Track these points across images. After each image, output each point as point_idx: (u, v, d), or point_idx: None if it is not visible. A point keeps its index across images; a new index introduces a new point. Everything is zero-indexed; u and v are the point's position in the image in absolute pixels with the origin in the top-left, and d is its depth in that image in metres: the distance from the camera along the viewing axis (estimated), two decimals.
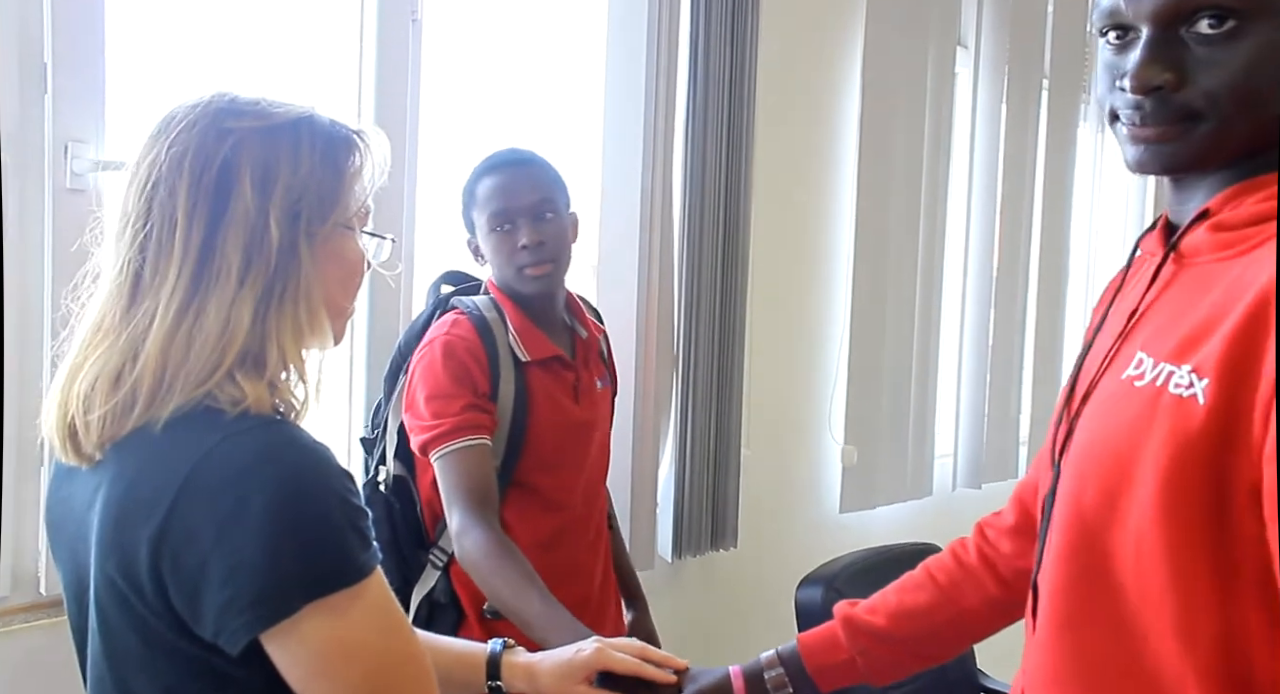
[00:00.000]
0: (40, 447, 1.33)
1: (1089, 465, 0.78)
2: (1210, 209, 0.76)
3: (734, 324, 2.14)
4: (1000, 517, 1.10)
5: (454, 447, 1.35)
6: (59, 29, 1.32)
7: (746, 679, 1.11)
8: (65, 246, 1.33)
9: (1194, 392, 0.69)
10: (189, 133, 0.78)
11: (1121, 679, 0.76)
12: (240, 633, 0.72)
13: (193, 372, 0.75)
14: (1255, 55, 0.70)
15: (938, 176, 2.66)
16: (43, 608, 1.36)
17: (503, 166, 1.45)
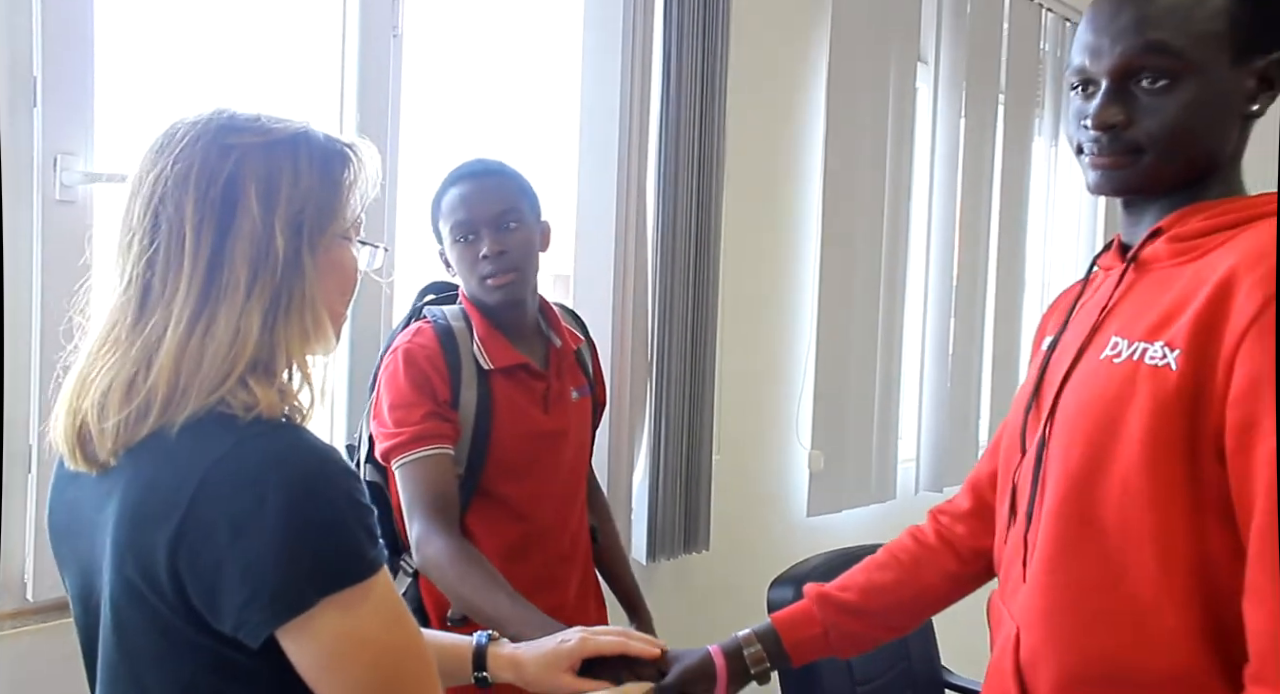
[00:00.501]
0: (29, 455, 1.36)
1: (1077, 428, 0.93)
2: (1162, 227, 0.95)
3: (705, 334, 2.18)
4: (954, 504, 1.22)
5: (414, 456, 1.36)
6: (49, 43, 1.33)
7: (727, 656, 1.19)
8: (55, 257, 1.35)
9: (1167, 361, 0.86)
10: (192, 148, 0.81)
11: (1107, 605, 0.90)
12: (260, 627, 0.75)
13: (206, 379, 0.78)
14: (1185, 105, 0.90)
15: (900, 189, 2.74)
16: (30, 614, 1.37)
17: (467, 178, 1.47)
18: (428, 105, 1.84)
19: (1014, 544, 1.02)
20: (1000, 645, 1.01)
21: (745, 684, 1.22)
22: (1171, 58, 0.89)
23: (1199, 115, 0.90)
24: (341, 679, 0.78)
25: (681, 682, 1.15)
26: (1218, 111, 0.91)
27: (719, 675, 1.17)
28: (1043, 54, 3.33)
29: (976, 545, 1.19)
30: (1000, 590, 1.07)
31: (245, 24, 1.63)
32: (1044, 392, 1.01)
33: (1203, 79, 0.89)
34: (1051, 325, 1.11)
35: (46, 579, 1.37)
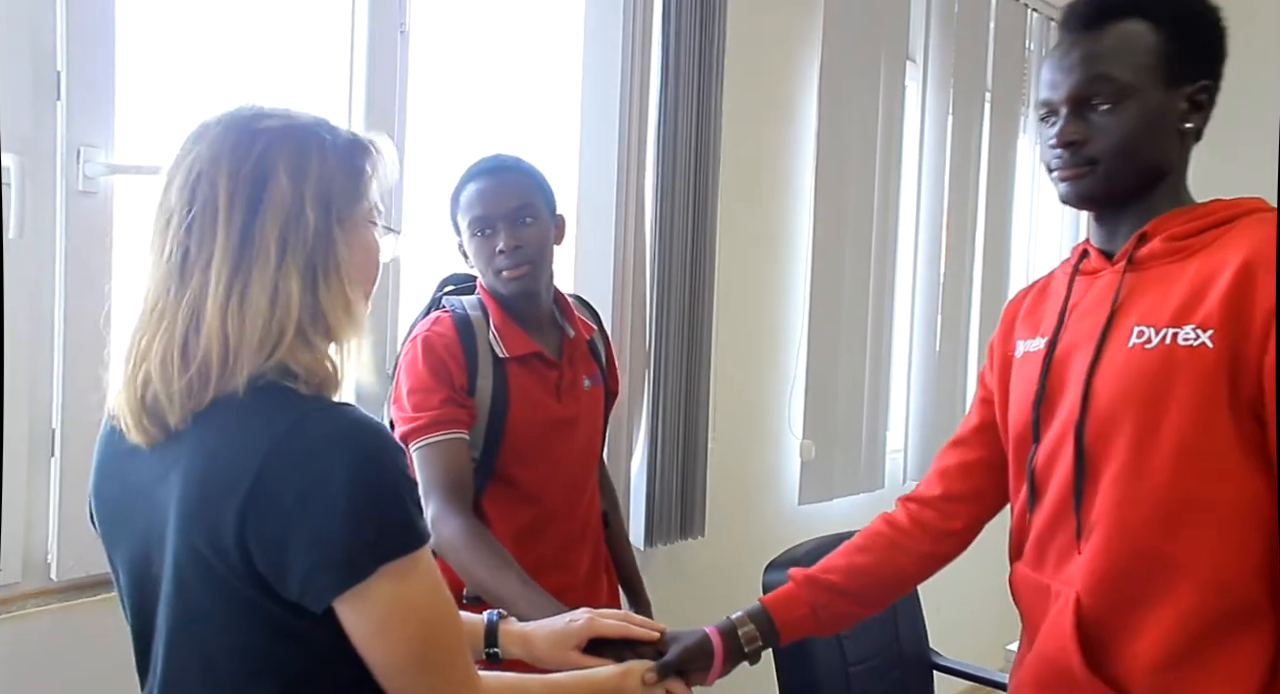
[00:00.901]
0: (52, 439, 1.40)
1: (1122, 408, 1.05)
2: (1148, 231, 1.10)
3: (701, 326, 2.24)
4: (923, 491, 1.33)
5: (431, 439, 1.41)
6: (71, 38, 1.37)
7: (723, 635, 1.27)
8: (78, 246, 1.39)
9: (1202, 341, 1.00)
10: (224, 135, 0.87)
11: (1184, 548, 1.01)
12: (325, 593, 0.80)
13: (252, 341, 0.82)
14: (1128, 122, 1.07)
15: (889, 185, 2.80)
16: (54, 593, 1.41)
17: (484, 174, 1.52)
18: (434, 101, 1.88)
19: (1051, 521, 1.12)
20: (1057, 611, 1.10)
21: (739, 663, 1.29)
22: (1114, 85, 1.07)
23: (1141, 131, 1.08)
24: (390, 644, 0.83)
25: (680, 660, 1.22)
26: (1156, 128, 1.08)
27: (715, 654, 1.25)
28: (1028, 53, 3.40)
29: (947, 528, 1.31)
30: (1034, 566, 1.16)
31: (258, 21, 1.67)
32: (1056, 386, 1.12)
33: (1141, 102, 1.07)
34: (1024, 331, 1.23)
35: (70, 559, 1.41)
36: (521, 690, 1.01)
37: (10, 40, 1.33)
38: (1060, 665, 1.09)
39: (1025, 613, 1.20)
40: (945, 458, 1.34)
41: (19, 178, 1.33)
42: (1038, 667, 1.14)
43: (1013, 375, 1.23)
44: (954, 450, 1.34)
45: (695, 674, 1.24)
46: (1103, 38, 1.08)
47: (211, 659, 0.85)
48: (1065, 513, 1.10)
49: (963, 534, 1.32)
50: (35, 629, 1.38)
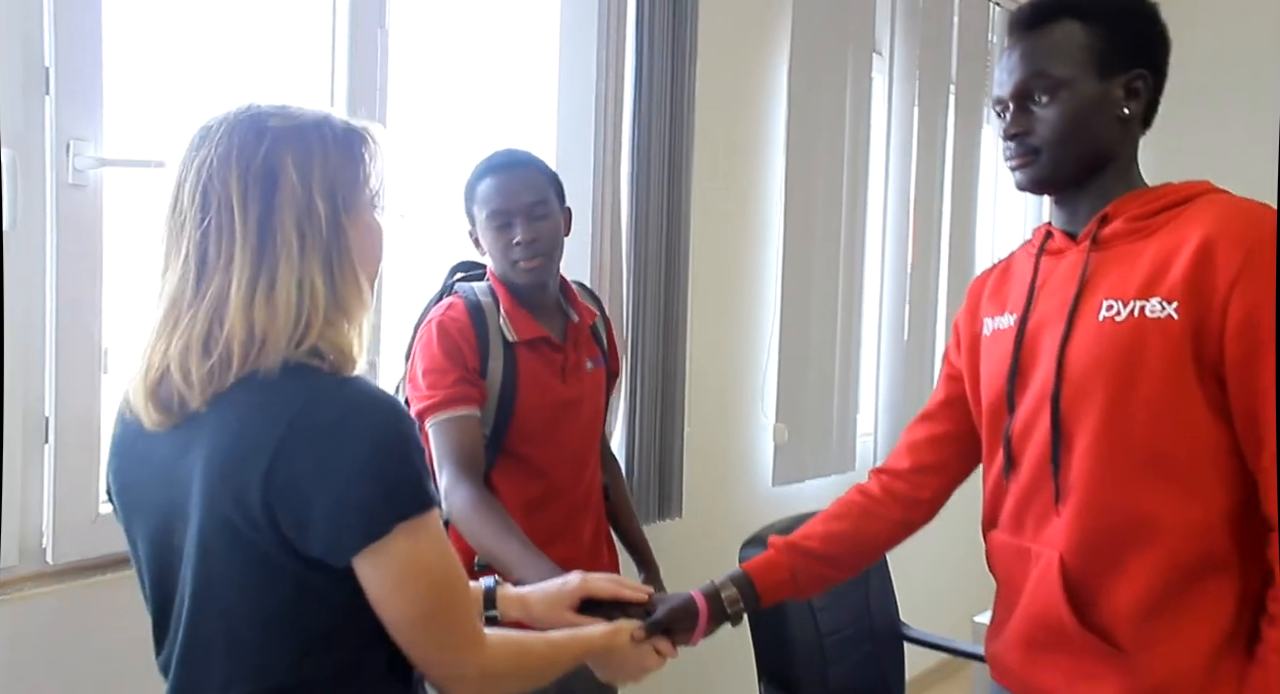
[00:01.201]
0: (44, 426, 1.44)
1: (1095, 377, 1.12)
2: (1109, 213, 1.18)
3: (676, 316, 2.29)
4: (894, 464, 1.41)
5: (445, 416, 1.49)
6: (60, 33, 1.40)
7: (707, 598, 1.34)
8: (68, 239, 1.43)
9: (1168, 312, 1.09)
10: (230, 135, 0.91)
11: (1158, 503, 1.10)
12: (347, 549, 0.86)
13: (283, 330, 0.88)
14: (1064, 113, 1.17)
15: (857, 174, 2.87)
16: (49, 577, 1.44)
17: (501, 168, 1.60)
18: (414, 96, 1.92)
19: (1029, 488, 1.19)
20: (1040, 571, 1.17)
21: (722, 624, 1.36)
22: (1050, 80, 1.17)
23: (1077, 119, 1.17)
24: (405, 600, 0.90)
25: (667, 619, 1.29)
26: (1094, 116, 1.17)
27: (700, 615, 1.32)
28: (991, 46, 3.48)
29: (917, 497, 1.39)
30: (1012, 532, 1.23)
31: (242, 17, 1.70)
32: (1029, 359, 1.20)
33: (1076, 93, 1.17)
34: (991, 309, 1.30)
35: (65, 544, 1.44)
36: (521, 644, 1.07)
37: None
38: (1051, 622, 1.16)
39: (1004, 578, 1.27)
40: (914, 432, 1.41)
41: (10, 172, 1.36)
42: (1026, 627, 1.20)
43: (982, 352, 1.30)
44: (922, 424, 1.41)
45: (681, 634, 1.31)
46: (1040, 38, 1.18)
47: (235, 622, 0.90)
48: (1043, 478, 1.17)
49: (931, 502, 1.40)
50: (31, 611, 1.42)
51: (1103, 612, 1.13)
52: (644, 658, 1.25)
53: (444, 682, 0.97)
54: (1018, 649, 1.23)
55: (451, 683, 0.97)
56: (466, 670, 0.96)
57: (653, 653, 1.26)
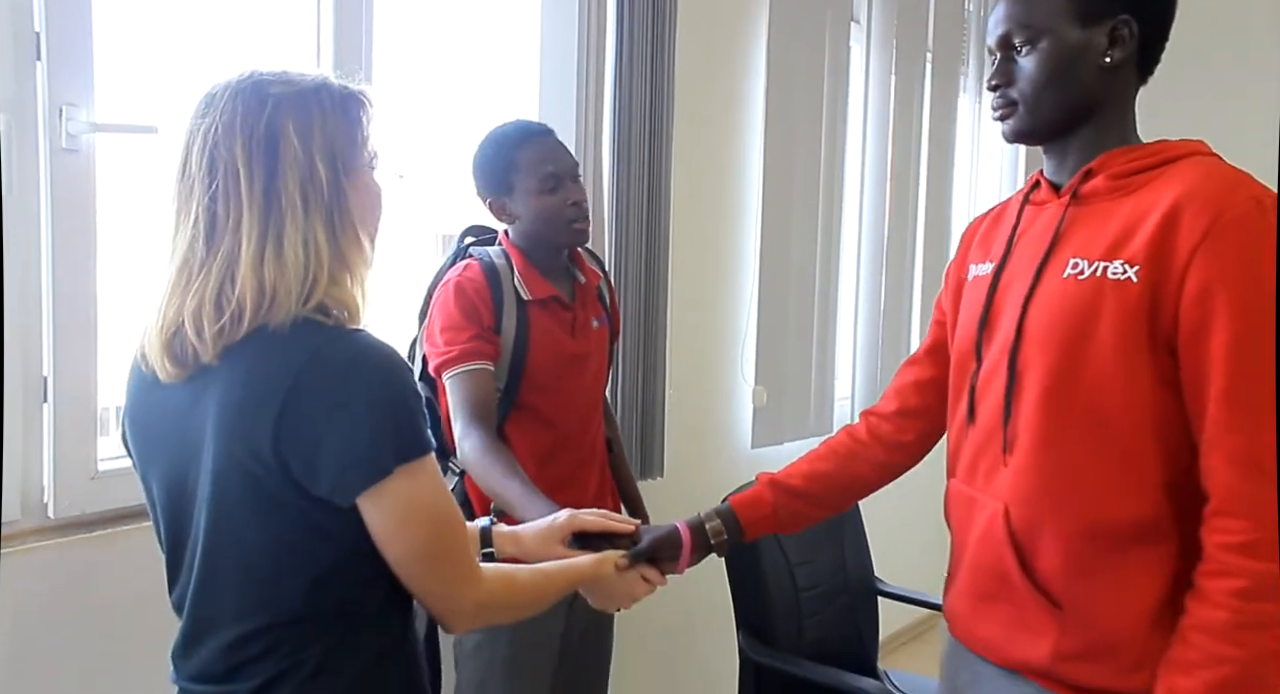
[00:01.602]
0: (43, 386, 1.47)
1: (1052, 334, 1.12)
2: (1093, 168, 1.16)
3: (657, 283, 2.34)
4: (881, 406, 1.44)
5: (461, 369, 1.58)
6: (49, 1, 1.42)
7: (691, 529, 1.40)
8: (63, 202, 1.45)
9: (1128, 275, 1.07)
10: (234, 102, 0.96)
11: (1091, 468, 1.11)
12: (353, 487, 0.92)
13: (293, 286, 0.93)
14: (1042, 63, 1.16)
15: (835, 141, 2.91)
16: (51, 530, 1.49)
17: (541, 135, 1.69)
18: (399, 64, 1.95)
19: (984, 438, 1.20)
20: (986, 522, 1.18)
21: (706, 554, 1.42)
22: (1028, 29, 1.16)
23: (1055, 69, 1.16)
24: (408, 538, 0.96)
25: (650, 548, 1.36)
26: (1074, 64, 1.15)
27: (684, 544, 1.38)
28: (967, 15, 3.52)
29: (900, 440, 1.42)
30: (966, 480, 1.24)
31: None
32: (998, 310, 1.20)
33: (1055, 42, 1.15)
34: (977, 255, 1.30)
35: (65, 499, 1.49)
36: (513, 576, 1.13)
37: None
38: (998, 573, 1.16)
39: (956, 527, 1.28)
40: (902, 375, 1.44)
41: (4, 137, 1.38)
42: (975, 578, 1.21)
43: (963, 298, 1.31)
44: (909, 369, 1.43)
45: (666, 563, 1.37)
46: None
47: (249, 557, 0.96)
48: (995, 430, 1.18)
49: (914, 446, 1.42)
50: (33, 564, 1.46)
51: (1040, 566, 1.14)
52: (631, 585, 1.32)
53: (443, 614, 1.03)
54: (965, 599, 1.24)
55: (450, 615, 1.03)
56: (464, 603, 1.02)
57: (640, 580, 1.33)
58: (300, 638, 0.96)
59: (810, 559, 2.20)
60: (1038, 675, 1.15)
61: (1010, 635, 1.17)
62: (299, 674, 0.96)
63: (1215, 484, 1.03)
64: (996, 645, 1.19)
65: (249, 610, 0.96)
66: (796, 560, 2.16)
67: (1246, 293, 1.02)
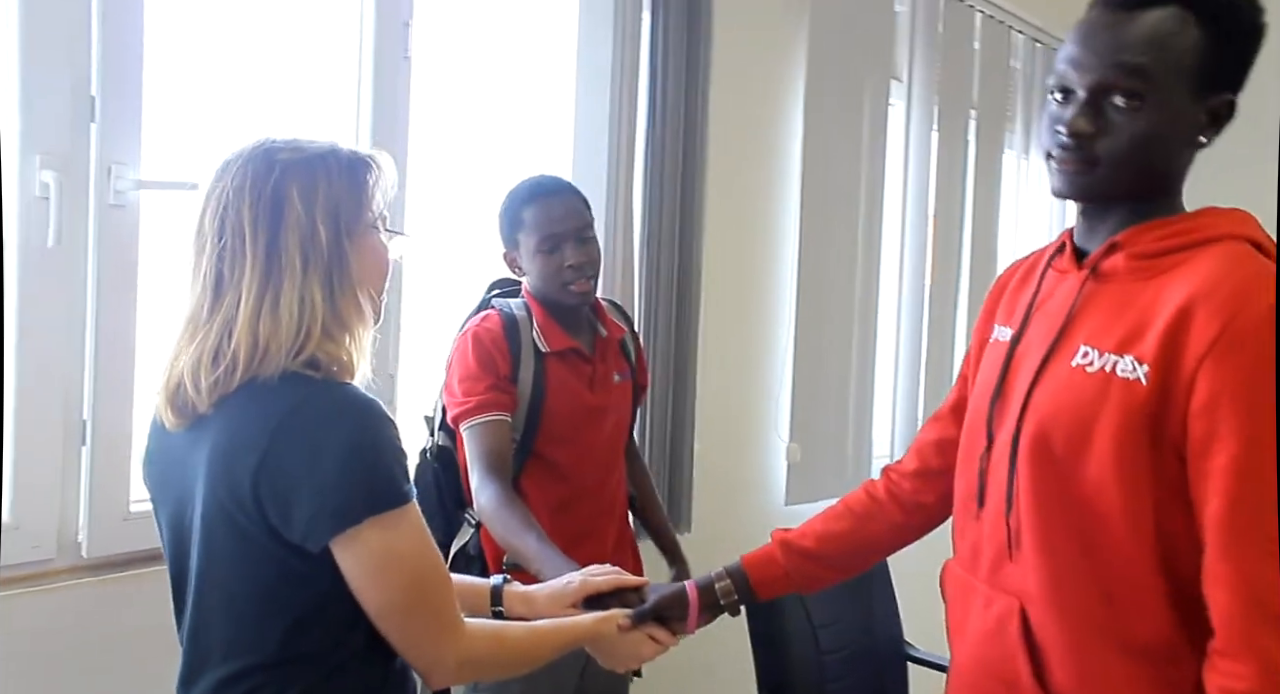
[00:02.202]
0: (83, 429, 1.54)
1: (1054, 426, 1.04)
2: (1119, 242, 1.06)
3: (687, 332, 2.36)
4: (902, 464, 1.38)
5: (478, 421, 1.60)
6: (105, 66, 1.51)
7: (699, 589, 1.36)
8: (109, 256, 1.53)
9: (1137, 375, 0.99)
10: (244, 168, 1.02)
11: (1093, 576, 1.03)
12: (322, 535, 0.95)
13: (285, 341, 0.97)
14: (1147, 127, 1.00)
15: (874, 198, 2.92)
16: (85, 569, 1.54)
17: (548, 194, 1.71)
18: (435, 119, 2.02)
19: (991, 526, 1.11)
20: (997, 619, 1.10)
21: (718, 614, 1.39)
22: (1143, 81, 0.99)
23: (1157, 138, 1.01)
24: (382, 588, 0.98)
25: (655, 608, 1.33)
26: (1173, 137, 1.02)
27: (691, 604, 1.35)
28: (1013, 72, 3.52)
29: (918, 501, 1.34)
30: (968, 567, 1.16)
31: (274, 49, 1.81)
32: (1010, 387, 1.11)
33: (1166, 105, 1.00)
34: (1002, 316, 1.21)
35: (99, 539, 1.54)
36: (499, 633, 1.14)
37: (50, 69, 1.47)
38: (1005, 676, 1.09)
39: (951, 611, 1.21)
40: (925, 433, 1.37)
41: (57, 192, 1.47)
42: (974, 676, 1.14)
43: (984, 360, 1.22)
44: (932, 426, 1.36)
45: (674, 623, 1.34)
46: (1141, 23, 0.99)
47: (233, 597, 1.00)
48: (1000, 520, 1.10)
49: (934, 507, 1.33)
50: (67, 602, 1.51)
51: (1055, 677, 1.06)
52: (637, 645, 1.30)
53: (425, 668, 1.05)
54: (961, 691, 1.17)
55: (431, 669, 1.05)
56: (445, 658, 1.03)
57: (647, 640, 1.31)
58: (281, 680, 0.99)
59: (834, 621, 2.16)
60: None
61: None
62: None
63: (1217, 617, 0.95)
64: None
65: (235, 651, 1.00)
66: (820, 622, 2.12)
67: (1254, 411, 0.93)
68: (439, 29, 2.03)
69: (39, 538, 1.50)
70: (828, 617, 2.14)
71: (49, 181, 1.46)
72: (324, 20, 1.87)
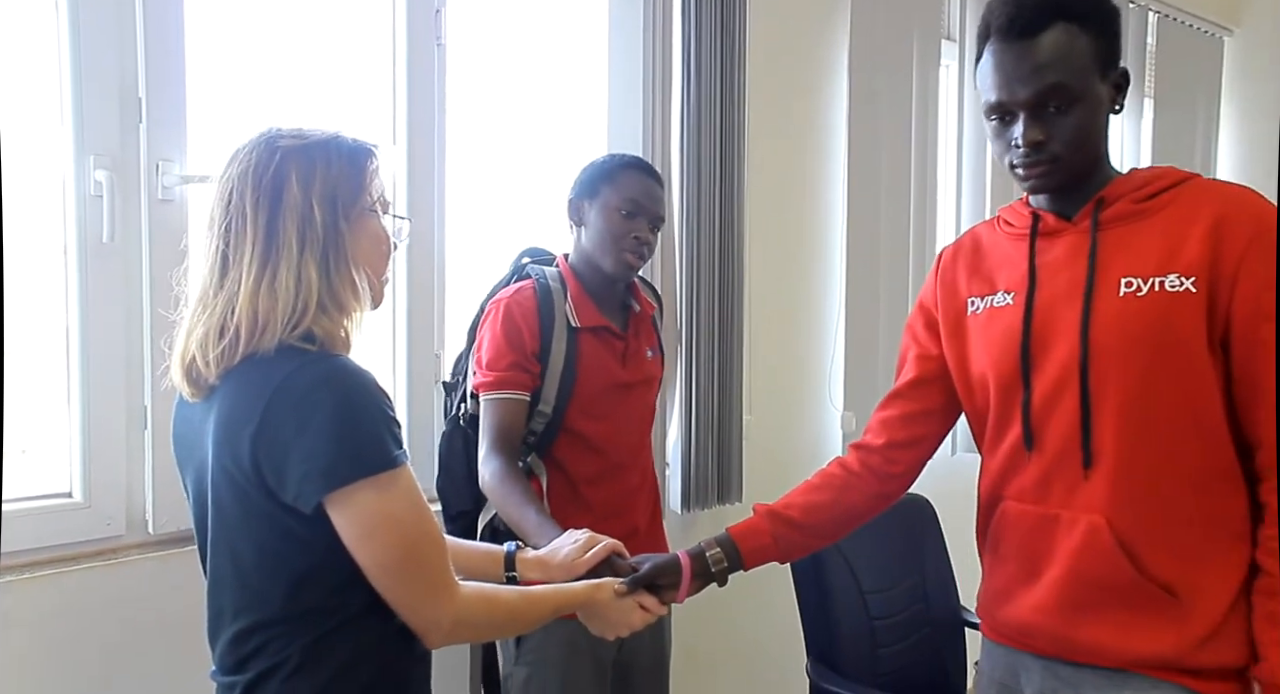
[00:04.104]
0: (144, 414, 1.63)
1: (1126, 348, 1.20)
2: (1105, 197, 1.25)
3: (732, 301, 2.36)
4: (870, 440, 1.47)
5: (495, 396, 1.64)
6: (150, 70, 1.59)
7: (692, 558, 1.42)
8: (160, 247, 1.62)
9: (1186, 286, 1.18)
10: (250, 155, 1.08)
11: (1186, 459, 1.20)
12: (312, 495, 1.01)
13: (284, 314, 1.03)
14: (1081, 120, 1.22)
15: (926, 162, 2.86)
16: (152, 545, 1.65)
17: (647, 171, 1.75)
18: (470, 105, 2.06)
19: (1054, 458, 1.24)
20: (1083, 535, 1.23)
21: (709, 583, 1.44)
22: (1067, 92, 1.20)
23: (1091, 124, 1.23)
24: (376, 547, 1.03)
25: (649, 575, 1.38)
26: (1099, 117, 1.24)
27: (684, 571, 1.40)
28: None
29: (889, 471, 1.46)
30: (1035, 501, 1.28)
31: (309, 40, 1.87)
32: (1044, 336, 1.25)
33: (1088, 97, 1.22)
34: (974, 286, 1.34)
35: (164, 516, 1.64)
36: (492, 595, 1.17)
37: (101, 75, 1.56)
38: (1106, 581, 1.22)
39: (1019, 546, 1.30)
40: (886, 409, 1.48)
41: (110, 190, 1.56)
42: (1070, 589, 1.24)
43: (970, 330, 1.34)
44: (893, 402, 1.47)
45: (666, 591, 1.39)
46: (1044, 46, 1.20)
47: (239, 557, 1.07)
48: (1069, 449, 1.23)
49: (904, 476, 1.47)
50: (137, 573, 1.62)
51: (1152, 565, 1.20)
52: (628, 613, 1.33)
53: (419, 627, 1.09)
54: (1055, 612, 1.26)
55: (425, 628, 1.09)
56: (439, 618, 1.08)
57: (637, 608, 1.34)
58: (284, 636, 1.05)
59: (886, 587, 2.15)
60: (1156, 669, 1.21)
61: (1125, 635, 1.22)
62: (283, 670, 1.05)
63: (1263, 449, 1.17)
64: (1107, 647, 1.23)
65: (242, 608, 1.07)
66: (870, 588, 2.12)
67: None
68: (471, 14, 2.06)
69: (110, 516, 1.61)
70: (878, 584, 2.14)
71: (102, 180, 1.55)
72: (357, 10, 1.92)
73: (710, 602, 1.58)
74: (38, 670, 1.54)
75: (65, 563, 1.56)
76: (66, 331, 1.58)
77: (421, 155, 1.95)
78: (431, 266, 1.98)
